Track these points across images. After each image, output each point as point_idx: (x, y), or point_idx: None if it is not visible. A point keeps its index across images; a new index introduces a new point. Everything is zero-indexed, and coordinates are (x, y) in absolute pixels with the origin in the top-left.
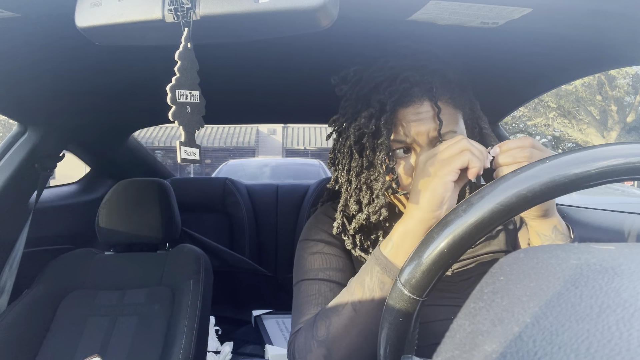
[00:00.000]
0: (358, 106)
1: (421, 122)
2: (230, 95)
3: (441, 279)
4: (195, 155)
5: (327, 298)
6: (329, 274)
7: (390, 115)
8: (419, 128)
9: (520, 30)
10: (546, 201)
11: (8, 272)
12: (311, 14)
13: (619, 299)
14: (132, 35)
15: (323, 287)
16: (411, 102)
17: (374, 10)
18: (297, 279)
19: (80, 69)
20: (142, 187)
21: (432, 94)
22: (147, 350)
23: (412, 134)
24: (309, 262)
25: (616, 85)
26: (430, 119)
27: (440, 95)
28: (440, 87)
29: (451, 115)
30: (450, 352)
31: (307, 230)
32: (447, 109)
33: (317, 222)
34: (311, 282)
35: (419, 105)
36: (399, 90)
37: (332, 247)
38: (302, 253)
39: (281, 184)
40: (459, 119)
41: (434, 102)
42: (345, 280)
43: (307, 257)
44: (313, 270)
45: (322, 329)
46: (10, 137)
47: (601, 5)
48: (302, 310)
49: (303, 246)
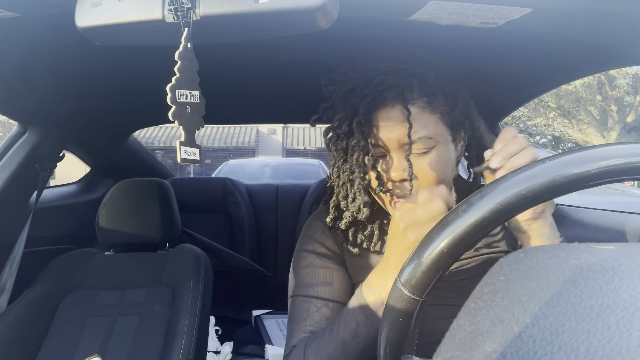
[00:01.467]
0: (337, 108)
1: (391, 126)
2: (230, 95)
3: (441, 279)
4: (195, 155)
5: (314, 319)
6: (317, 291)
7: (364, 119)
8: (389, 133)
9: (520, 30)
10: (546, 201)
11: (8, 272)
12: (311, 14)
13: (619, 299)
14: (132, 35)
15: (312, 307)
16: (383, 105)
17: (374, 10)
18: (290, 292)
19: (81, 69)
20: (142, 187)
21: (404, 97)
22: (147, 350)
23: (384, 139)
24: (300, 276)
25: (616, 85)
26: (401, 123)
27: (415, 99)
28: (416, 90)
29: (426, 120)
30: (450, 352)
31: (301, 239)
32: (423, 113)
33: (309, 229)
34: (302, 299)
35: (390, 108)
36: (372, 94)
37: (322, 259)
38: (295, 264)
39: (281, 184)
40: (437, 125)
41: (404, 105)
42: (333, 294)
43: (299, 270)
44: (304, 286)
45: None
46: (10, 137)
47: (601, 5)
48: (293, 329)
49: (296, 256)
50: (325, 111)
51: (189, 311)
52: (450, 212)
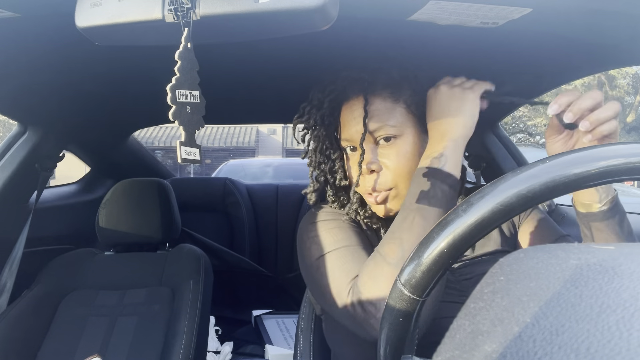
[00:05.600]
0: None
1: (354, 119)
2: (230, 95)
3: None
4: (195, 155)
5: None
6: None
7: (329, 112)
8: (354, 127)
9: (520, 30)
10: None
11: (8, 272)
12: (311, 14)
13: (619, 299)
14: (132, 35)
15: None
16: (347, 99)
17: (374, 11)
18: (317, 254)
19: (81, 69)
20: (142, 187)
21: (365, 88)
22: (147, 350)
23: (351, 131)
24: (330, 236)
25: (616, 85)
26: (362, 115)
27: (378, 90)
28: (380, 83)
29: (388, 108)
30: (450, 352)
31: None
32: (384, 102)
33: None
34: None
35: (353, 102)
36: (337, 89)
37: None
38: (316, 232)
39: (281, 184)
40: (402, 114)
41: (364, 95)
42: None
43: (325, 233)
44: (339, 241)
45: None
46: (10, 137)
47: (601, 5)
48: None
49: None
50: (302, 108)
51: (189, 311)
52: (450, 212)
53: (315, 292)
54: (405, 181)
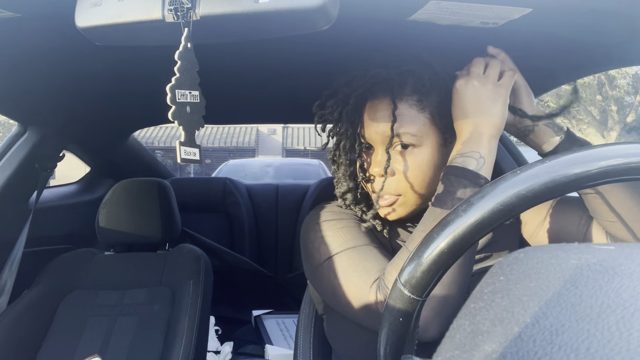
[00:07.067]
0: (334, 95)
1: (377, 119)
2: (230, 95)
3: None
4: (195, 155)
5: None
6: (368, 240)
7: (354, 108)
8: (375, 126)
9: (520, 30)
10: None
11: (8, 272)
12: (311, 14)
13: (619, 299)
14: (132, 35)
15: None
16: (373, 97)
17: (374, 11)
18: (326, 255)
19: (81, 69)
20: (142, 187)
21: (394, 91)
22: (147, 350)
23: (370, 131)
24: (340, 236)
25: (616, 85)
26: (387, 117)
27: (406, 95)
28: (408, 87)
29: (413, 117)
30: (450, 352)
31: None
32: (410, 109)
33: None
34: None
35: (379, 102)
36: (365, 85)
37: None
38: (324, 232)
39: (281, 184)
40: (425, 124)
41: (392, 99)
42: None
43: (334, 232)
44: (349, 241)
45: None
46: (10, 137)
47: (601, 5)
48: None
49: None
50: (326, 98)
51: (189, 311)
52: (450, 212)
53: (326, 293)
54: (414, 191)
